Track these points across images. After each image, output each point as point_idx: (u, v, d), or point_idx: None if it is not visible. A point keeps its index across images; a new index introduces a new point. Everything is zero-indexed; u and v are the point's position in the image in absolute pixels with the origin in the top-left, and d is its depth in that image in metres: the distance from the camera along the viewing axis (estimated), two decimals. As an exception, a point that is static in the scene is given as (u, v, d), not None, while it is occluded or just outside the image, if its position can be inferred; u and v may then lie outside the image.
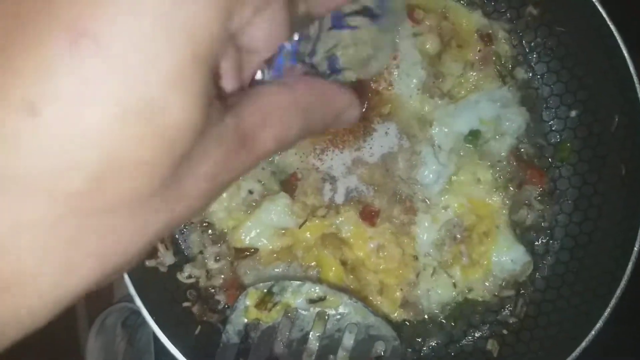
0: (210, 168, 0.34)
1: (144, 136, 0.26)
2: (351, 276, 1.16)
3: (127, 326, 1.47)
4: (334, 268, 1.15)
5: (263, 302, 0.96)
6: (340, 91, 0.46)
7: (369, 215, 1.17)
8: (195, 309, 1.15)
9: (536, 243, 1.19)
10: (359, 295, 1.15)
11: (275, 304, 0.97)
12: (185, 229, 1.20)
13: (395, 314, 1.16)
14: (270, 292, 0.97)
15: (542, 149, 1.21)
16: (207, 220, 1.20)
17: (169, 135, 0.27)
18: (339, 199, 1.19)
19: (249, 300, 0.98)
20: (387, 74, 1.19)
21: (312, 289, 0.98)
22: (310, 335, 0.98)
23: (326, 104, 0.45)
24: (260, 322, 0.99)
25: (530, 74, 1.22)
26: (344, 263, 1.16)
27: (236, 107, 0.37)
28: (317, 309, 0.99)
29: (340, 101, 0.46)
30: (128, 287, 1.05)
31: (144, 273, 1.11)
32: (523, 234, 1.19)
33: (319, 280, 1.09)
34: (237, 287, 1.17)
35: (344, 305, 0.98)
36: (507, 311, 1.17)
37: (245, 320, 0.99)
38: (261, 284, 0.98)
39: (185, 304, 1.15)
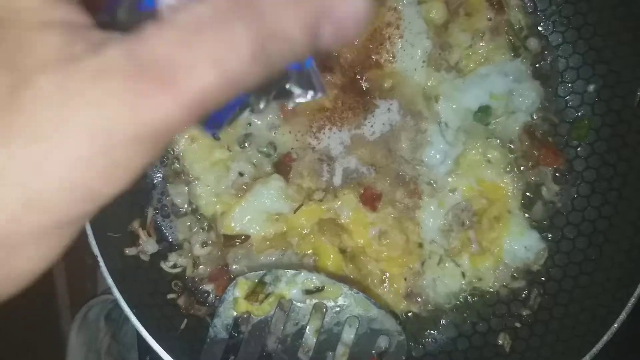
0: (100, 121, 0.24)
1: None
2: (351, 265, 1.07)
3: (111, 320, 1.38)
4: (332, 256, 1.05)
5: (254, 293, 0.87)
6: None
7: (369, 199, 1.07)
8: (180, 301, 1.05)
9: (551, 229, 1.10)
10: (359, 286, 1.06)
11: (267, 295, 0.88)
12: (170, 214, 1.10)
13: (399, 306, 1.07)
14: (262, 282, 0.88)
15: (558, 126, 1.12)
16: (193, 204, 1.10)
17: None
18: (337, 181, 1.09)
19: (238, 291, 0.89)
20: (389, 45, 1.09)
21: (309, 279, 0.89)
22: (306, 330, 0.89)
23: None
24: (252, 315, 0.90)
25: (545, 46, 1.12)
26: (342, 251, 1.07)
27: (139, 34, 0.26)
28: (315, 301, 0.90)
29: None
30: (105, 276, 0.95)
31: (123, 262, 1.01)
32: (537, 219, 1.09)
33: (315, 269, 0.99)
34: (227, 278, 1.08)
35: (343, 296, 0.89)
36: (519, 302, 1.08)
37: (235, 313, 0.89)
38: (252, 273, 0.89)
39: (170, 296, 1.05)
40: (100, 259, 0.94)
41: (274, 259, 1.06)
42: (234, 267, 1.06)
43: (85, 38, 0.25)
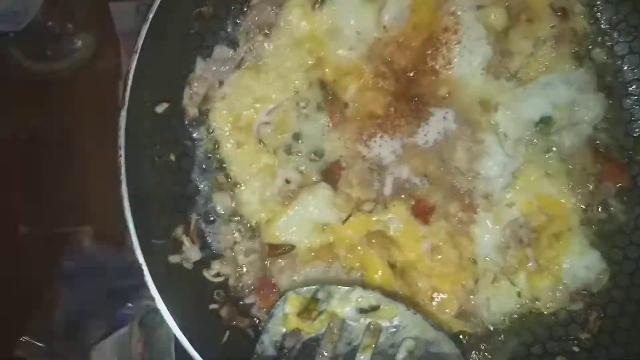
0: None
1: None
2: (400, 280, 1.02)
3: (145, 326, 1.34)
4: (380, 271, 1.01)
5: (306, 310, 0.83)
6: None
7: (422, 212, 1.02)
8: (223, 312, 1.01)
9: (613, 248, 1.04)
10: (408, 303, 1.01)
11: (320, 313, 0.83)
12: (214, 221, 1.07)
13: (450, 325, 1.02)
14: (314, 299, 0.83)
15: (622, 140, 1.06)
16: (238, 211, 1.06)
17: None
18: (388, 191, 1.04)
19: (288, 306, 0.85)
20: (445, 51, 1.04)
21: (364, 296, 0.84)
22: (359, 350, 0.84)
23: None
24: (302, 332, 0.85)
25: (610, 56, 1.07)
26: (392, 265, 1.02)
27: None
28: (369, 320, 0.85)
29: None
30: (149, 286, 0.91)
31: (167, 270, 0.98)
32: (598, 237, 1.03)
33: (364, 284, 0.95)
34: (271, 288, 1.03)
35: (400, 316, 0.85)
36: (578, 325, 1.02)
37: (284, 329, 0.85)
38: (304, 288, 0.84)
39: (213, 306, 1.02)
40: (144, 267, 0.91)
41: (319, 271, 1.02)
42: (279, 277, 1.03)
43: None
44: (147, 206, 0.98)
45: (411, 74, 1.05)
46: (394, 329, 0.85)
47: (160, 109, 1.01)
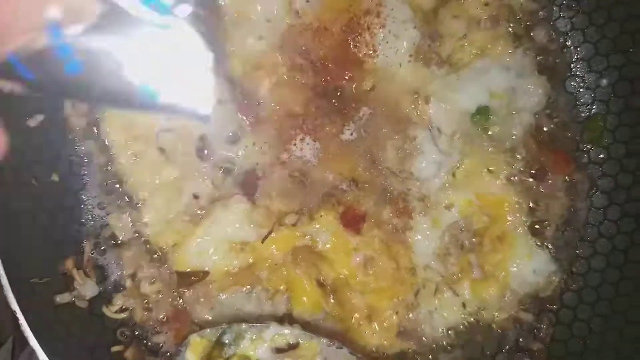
0: None
1: None
2: (332, 300, 0.91)
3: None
4: (308, 292, 0.89)
5: (210, 358, 0.69)
6: None
7: (352, 220, 0.91)
8: (129, 354, 0.88)
9: (563, 247, 0.94)
10: (342, 325, 0.90)
11: (228, 358, 0.70)
12: (113, 247, 0.92)
13: (391, 345, 0.91)
14: (220, 343, 0.70)
15: (567, 127, 0.96)
16: (140, 234, 0.92)
17: None
18: (313, 201, 0.92)
19: (190, 353, 0.72)
20: (368, 36, 0.91)
21: (280, 333, 0.72)
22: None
23: None
24: (211, 379, 0.72)
25: (551, 34, 0.96)
26: (321, 284, 0.91)
27: None
28: (287, 360, 0.73)
29: None
30: (28, 337, 0.76)
31: (53, 314, 0.83)
32: (546, 237, 0.94)
33: (287, 317, 0.82)
34: (186, 322, 0.90)
35: (323, 353, 0.72)
36: (529, 335, 0.93)
37: (189, 378, 0.72)
38: (208, 330, 0.71)
39: (116, 349, 0.88)
40: (20, 315, 0.76)
41: (240, 297, 0.90)
42: (194, 309, 0.90)
43: None
44: (25, 237, 0.83)
45: (331, 65, 0.92)
46: (317, 368, 0.73)
47: (34, 122, 0.85)
